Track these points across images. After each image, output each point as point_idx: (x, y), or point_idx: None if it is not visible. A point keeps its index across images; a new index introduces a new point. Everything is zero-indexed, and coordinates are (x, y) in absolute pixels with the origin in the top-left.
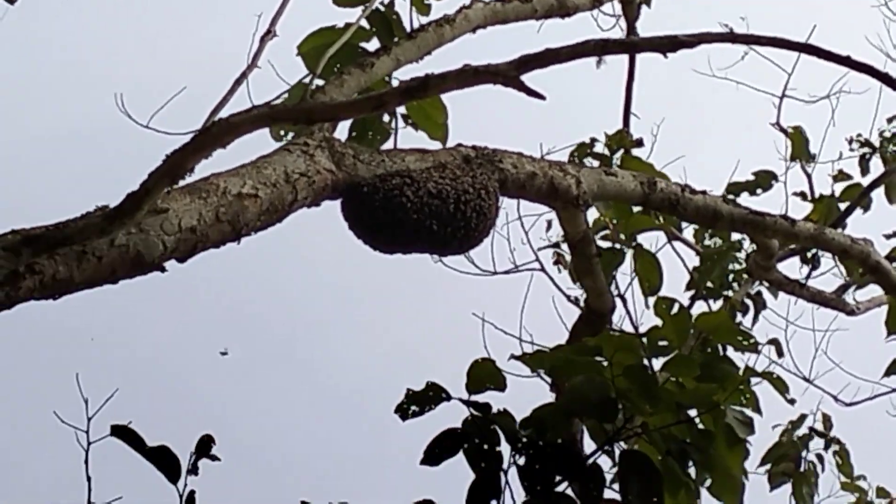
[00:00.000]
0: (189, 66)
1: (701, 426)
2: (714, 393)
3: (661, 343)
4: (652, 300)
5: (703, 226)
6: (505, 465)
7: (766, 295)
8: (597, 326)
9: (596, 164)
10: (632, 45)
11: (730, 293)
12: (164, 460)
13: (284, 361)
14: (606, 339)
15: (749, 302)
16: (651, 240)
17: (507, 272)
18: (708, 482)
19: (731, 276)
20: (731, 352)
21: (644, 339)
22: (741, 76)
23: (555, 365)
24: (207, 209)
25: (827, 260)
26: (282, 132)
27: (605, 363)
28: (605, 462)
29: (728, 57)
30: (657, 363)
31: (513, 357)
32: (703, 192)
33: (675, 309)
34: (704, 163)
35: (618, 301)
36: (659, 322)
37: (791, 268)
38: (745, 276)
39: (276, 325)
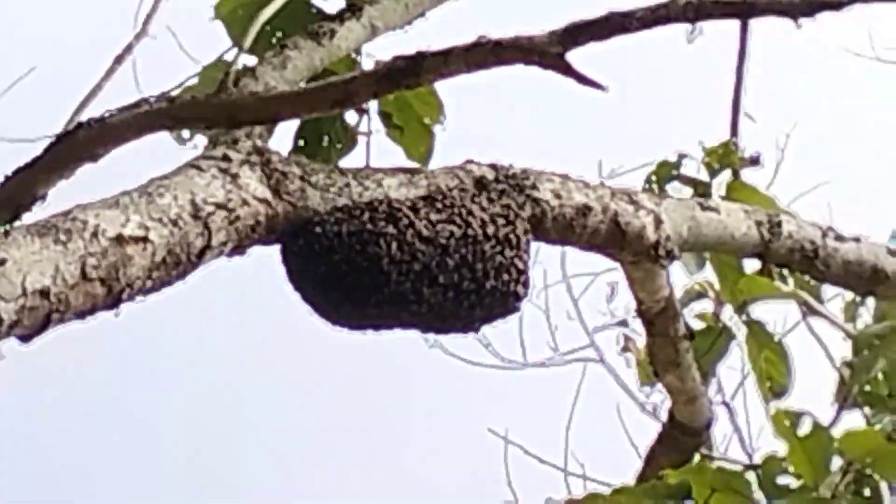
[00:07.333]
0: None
1: None
2: None
3: (784, 480)
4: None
5: (856, 292)
6: None
7: None
8: (685, 451)
9: (687, 193)
10: (745, 6)
11: None
12: None
13: None
14: (698, 473)
15: None
16: (775, 316)
17: (544, 364)
18: None
19: None
20: None
21: (758, 473)
22: None
23: None
24: (68, 260)
25: None
26: (189, 139)
27: None
28: None
29: None
30: None
31: (551, 502)
32: (857, 240)
33: (807, 426)
34: (861, 193)
35: (721, 411)
36: (781, 446)
37: None
38: None
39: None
